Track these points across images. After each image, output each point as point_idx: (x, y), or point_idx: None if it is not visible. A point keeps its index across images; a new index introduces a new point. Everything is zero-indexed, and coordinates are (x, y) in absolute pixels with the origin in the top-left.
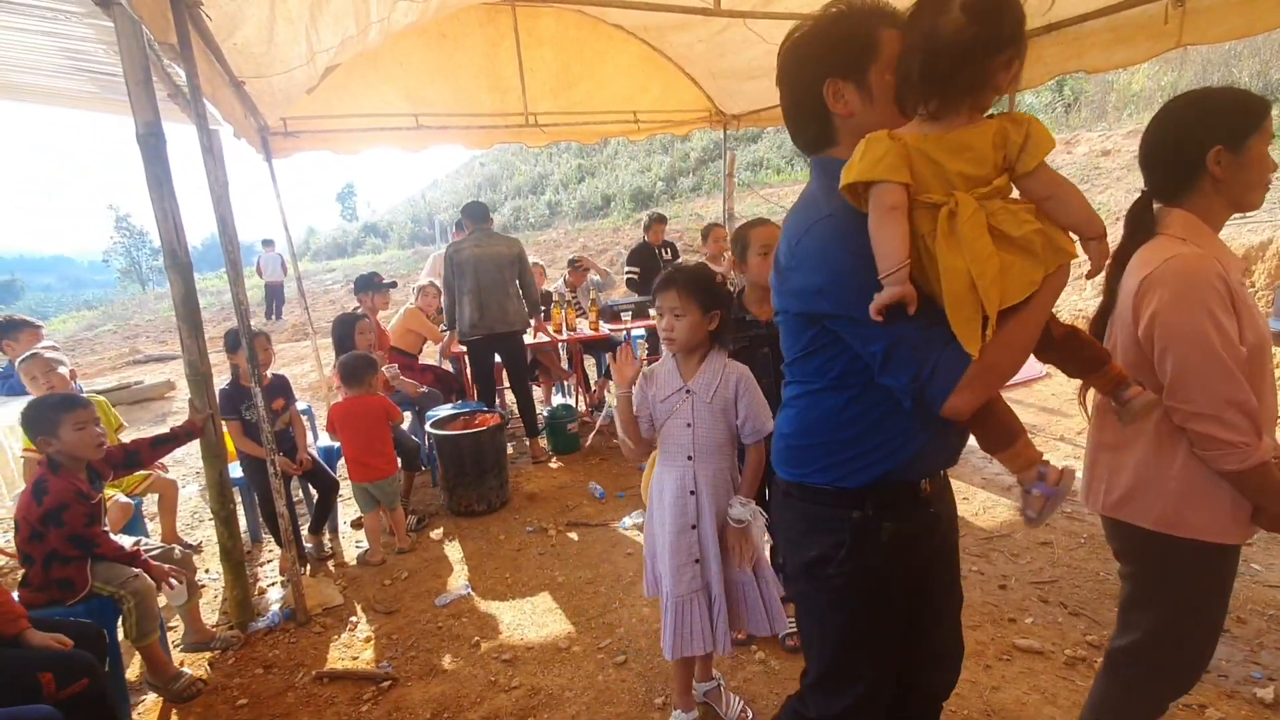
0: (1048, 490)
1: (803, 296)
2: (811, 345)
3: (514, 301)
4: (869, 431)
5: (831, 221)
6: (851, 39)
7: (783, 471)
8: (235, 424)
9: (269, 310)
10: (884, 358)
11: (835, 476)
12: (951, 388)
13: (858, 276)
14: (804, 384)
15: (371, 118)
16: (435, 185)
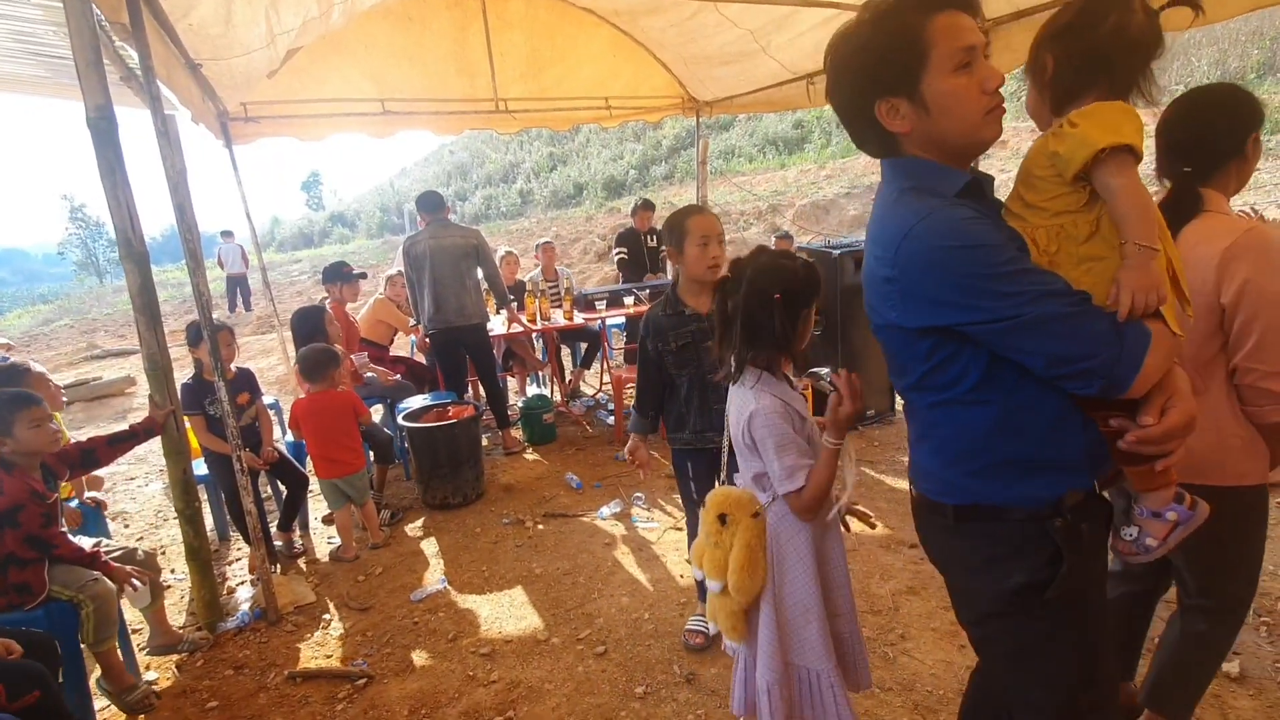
0: (1185, 514)
1: (921, 306)
2: (934, 357)
3: (471, 294)
4: (1040, 444)
5: (933, 220)
6: (896, 49)
7: (945, 496)
8: (199, 419)
9: (231, 303)
10: (1057, 343)
11: (1021, 494)
12: (1142, 360)
13: (988, 273)
14: (938, 397)
15: (336, 103)
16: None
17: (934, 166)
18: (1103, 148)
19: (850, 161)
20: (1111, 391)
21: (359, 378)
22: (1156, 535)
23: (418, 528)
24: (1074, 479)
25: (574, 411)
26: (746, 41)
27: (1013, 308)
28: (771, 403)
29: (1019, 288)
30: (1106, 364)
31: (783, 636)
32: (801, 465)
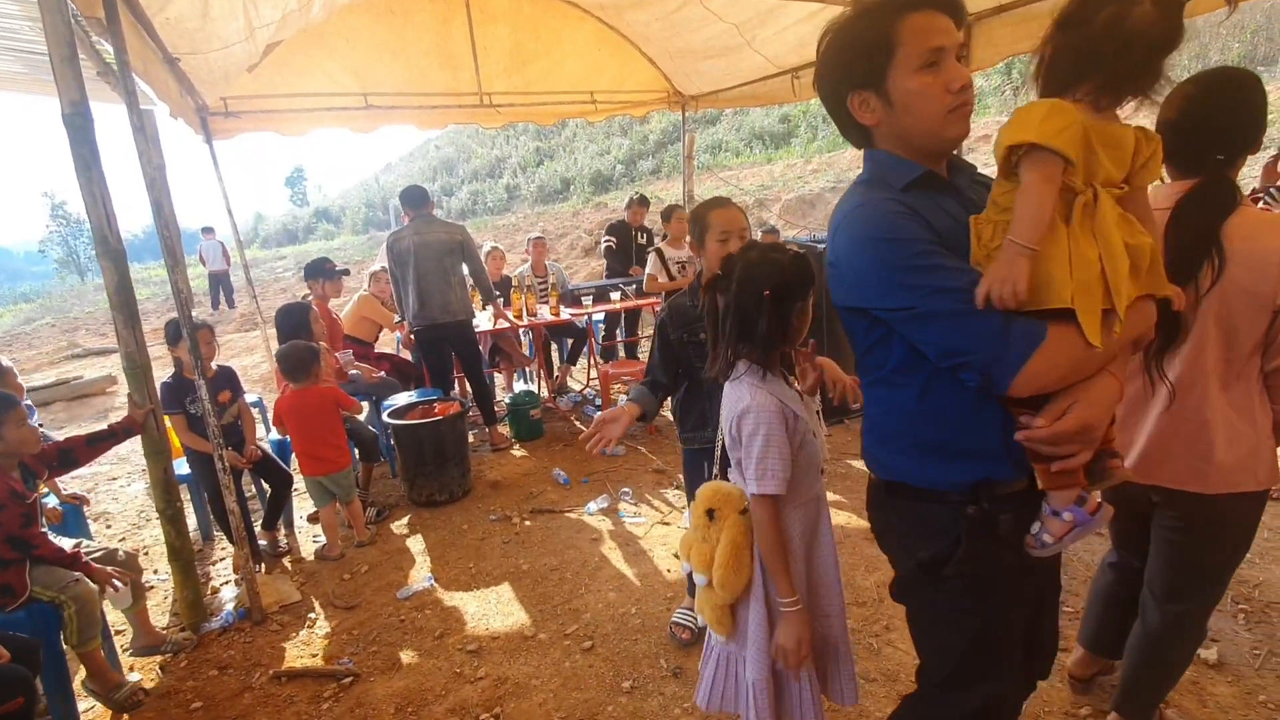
0: (1083, 518)
1: (849, 289)
2: (869, 338)
3: (456, 290)
4: (956, 430)
5: (862, 210)
6: (866, 45)
7: (880, 471)
8: (179, 418)
9: (214, 300)
10: (943, 336)
11: (937, 476)
12: (1023, 362)
13: (898, 265)
14: (872, 377)
15: (318, 97)
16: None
17: (893, 160)
18: (1006, 146)
19: (836, 156)
20: (991, 387)
21: (344, 375)
22: (1054, 533)
23: (404, 525)
24: (993, 467)
25: (561, 407)
26: (732, 35)
27: (913, 299)
28: (766, 401)
29: (920, 281)
30: (985, 361)
31: (770, 631)
32: (780, 471)
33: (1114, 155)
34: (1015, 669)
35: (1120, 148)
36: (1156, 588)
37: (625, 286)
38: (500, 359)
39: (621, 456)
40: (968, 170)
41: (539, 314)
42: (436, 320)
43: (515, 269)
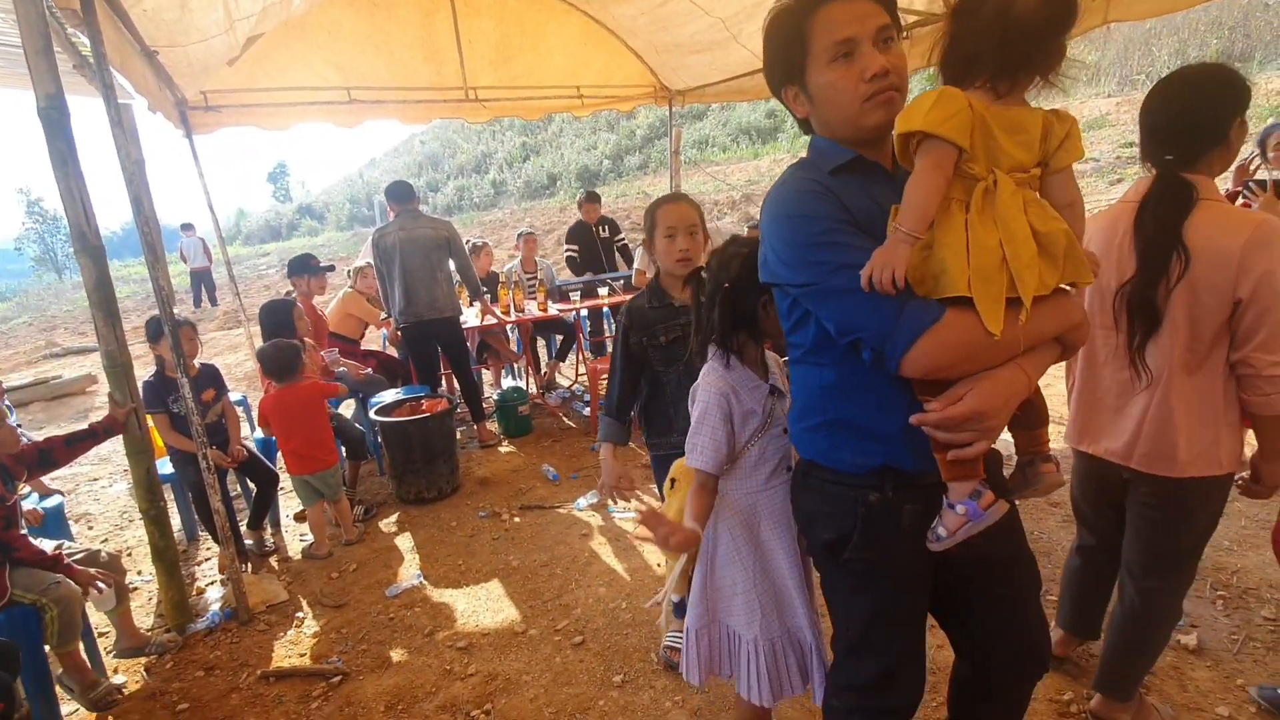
0: (975, 513)
1: (768, 266)
2: (790, 316)
3: (443, 287)
4: (861, 411)
5: (780, 189)
6: (785, 42)
7: (799, 449)
8: (162, 417)
9: (196, 298)
10: (841, 312)
11: (843, 458)
12: (912, 340)
13: (804, 241)
14: (795, 354)
15: (300, 91)
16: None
17: (827, 145)
18: (898, 134)
19: None
20: (885, 364)
21: (330, 373)
22: (948, 527)
23: (392, 523)
24: (894, 453)
25: (550, 403)
26: (718, 30)
27: (816, 275)
28: (714, 382)
29: (824, 258)
30: (877, 337)
31: (709, 592)
32: (708, 449)
33: (1018, 139)
34: (910, 648)
35: (1025, 131)
36: (1134, 566)
37: (613, 281)
38: (488, 355)
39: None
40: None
41: (527, 310)
42: (423, 317)
43: (503, 265)
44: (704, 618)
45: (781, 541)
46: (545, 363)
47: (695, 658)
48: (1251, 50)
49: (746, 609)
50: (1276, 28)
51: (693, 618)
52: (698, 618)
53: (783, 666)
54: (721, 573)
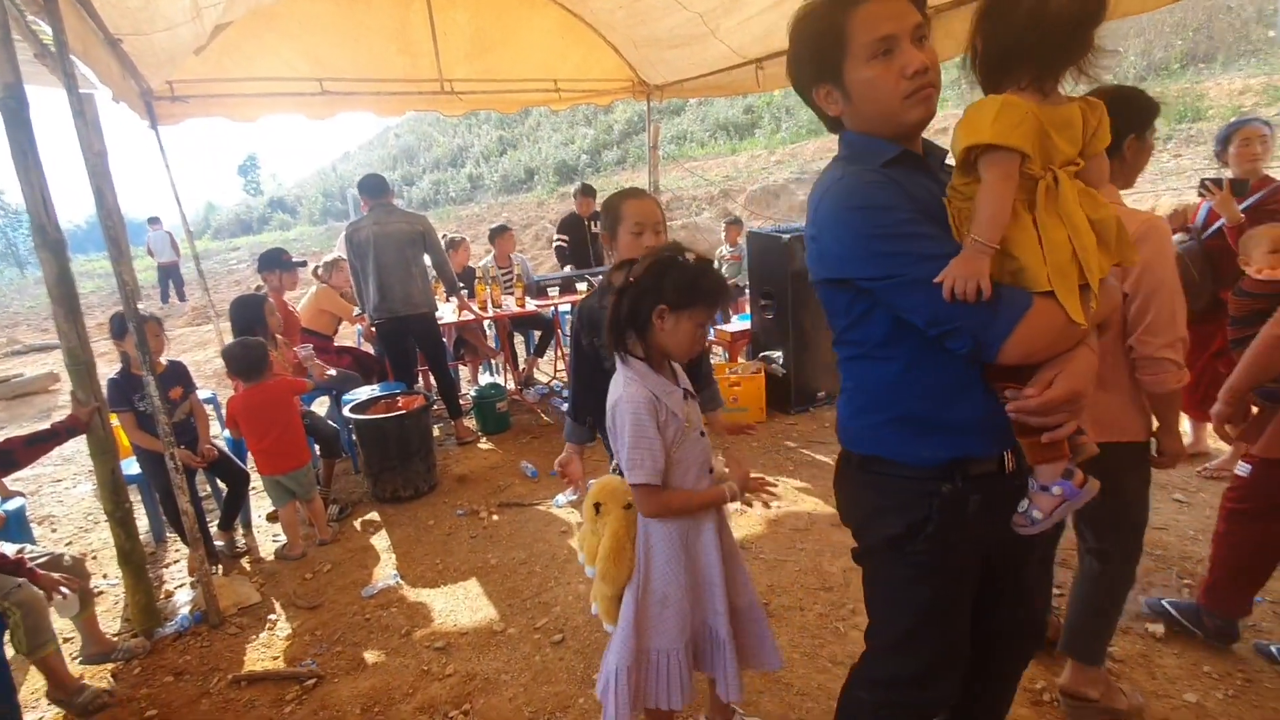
0: (1071, 491)
1: (832, 261)
2: (851, 312)
3: (418, 282)
4: (938, 405)
5: (843, 183)
6: (819, 39)
7: (855, 444)
8: (128, 416)
9: (164, 293)
10: (931, 303)
11: (914, 451)
12: (1011, 329)
13: (879, 233)
14: (854, 351)
15: (270, 82)
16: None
17: (867, 140)
18: (964, 147)
19: (800, 147)
20: (981, 354)
21: (302, 370)
22: (1043, 509)
23: (368, 522)
24: (969, 444)
25: (528, 400)
26: (696, 24)
27: (898, 266)
28: (636, 392)
29: (905, 249)
30: (974, 327)
31: (640, 623)
32: (649, 462)
33: (1067, 135)
34: (958, 641)
35: (1071, 126)
36: (1084, 533)
37: (592, 277)
38: (465, 351)
39: (590, 448)
40: (939, 154)
41: (504, 305)
42: (398, 312)
43: (480, 260)
44: (633, 653)
45: (711, 542)
46: (523, 359)
47: (620, 700)
48: (1215, 52)
49: (679, 617)
50: (1239, 29)
51: (621, 654)
52: (627, 654)
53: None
54: (654, 586)
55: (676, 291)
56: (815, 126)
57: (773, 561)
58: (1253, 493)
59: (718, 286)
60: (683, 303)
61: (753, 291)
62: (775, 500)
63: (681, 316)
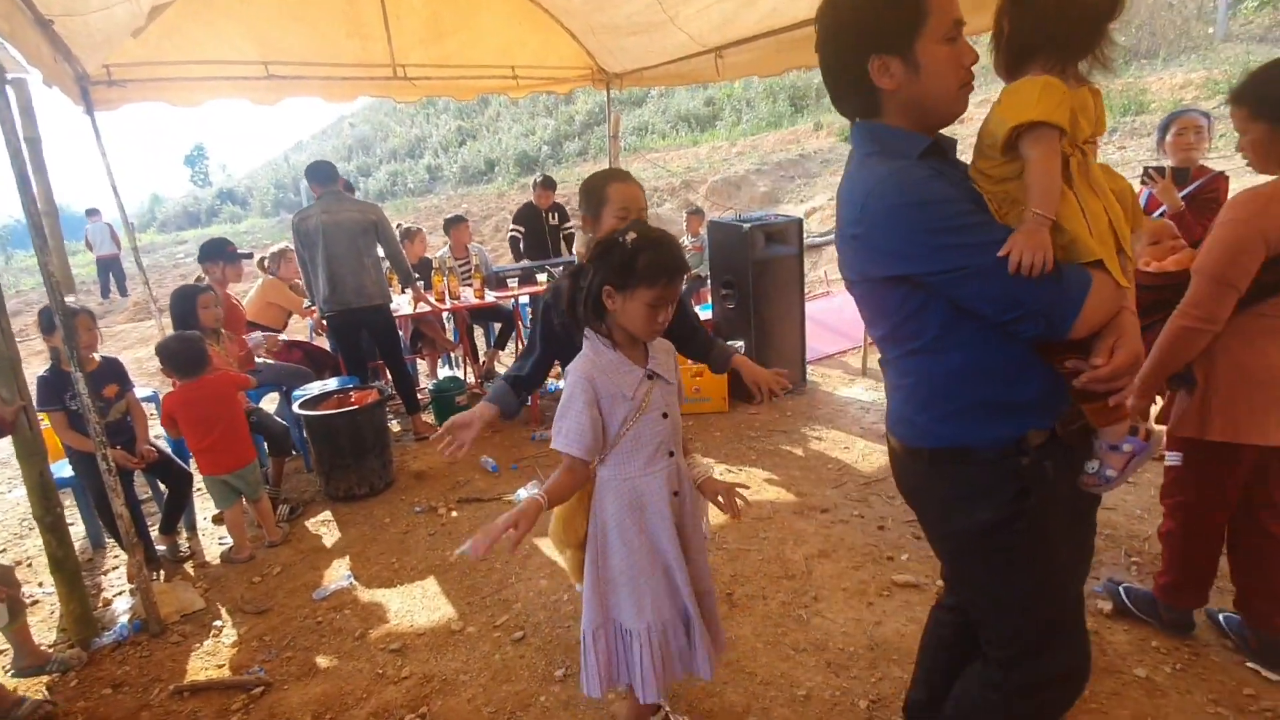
0: (1140, 445)
1: (885, 259)
2: (904, 308)
3: (370, 273)
4: (1004, 387)
5: (895, 178)
6: (898, 9)
7: (921, 440)
8: (58, 415)
9: (104, 287)
10: (1004, 290)
11: (987, 436)
12: (1081, 304)
13: (940, 226)
14: (910, 346)
15: (213, 65)
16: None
17: (900, 132)
18: (1013, 126)
19: (760, 139)
20: (1054, 332)
21: (251, 360)
22: (1116, 467)
23: (320, 522)
24: (1034, 419)
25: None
26: (654, 11)
27: (963, 258)
28: (579, 366)
29: (968, 239)
30: (1047, 307)
31: (601, 586)
32: (571, 431)
33: (1086, 116)
34: (1080, 610)
35: (1088, 108)
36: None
37: (552, 268)
38: (423, 345)
39: (508, 422)
40: (951, 143)
41: (463, 297)
42: (350, 305)
43: (437, 251)
44: (598, 616)
45: (664, 525)
46: (484, 352)
47: (595, 664)
48: (1157, 48)
49: (635, 598)
50: (1180, 26)
51: (587, 618)
52: (591, 617)
53: (672, 652)
54: (610, 563)
55: (616, 272)
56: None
57: (735, 551)
58: (1186, 480)
59: (655, 265)
60: (624, 283)
61: (714, 281)
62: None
63: (627, 296)
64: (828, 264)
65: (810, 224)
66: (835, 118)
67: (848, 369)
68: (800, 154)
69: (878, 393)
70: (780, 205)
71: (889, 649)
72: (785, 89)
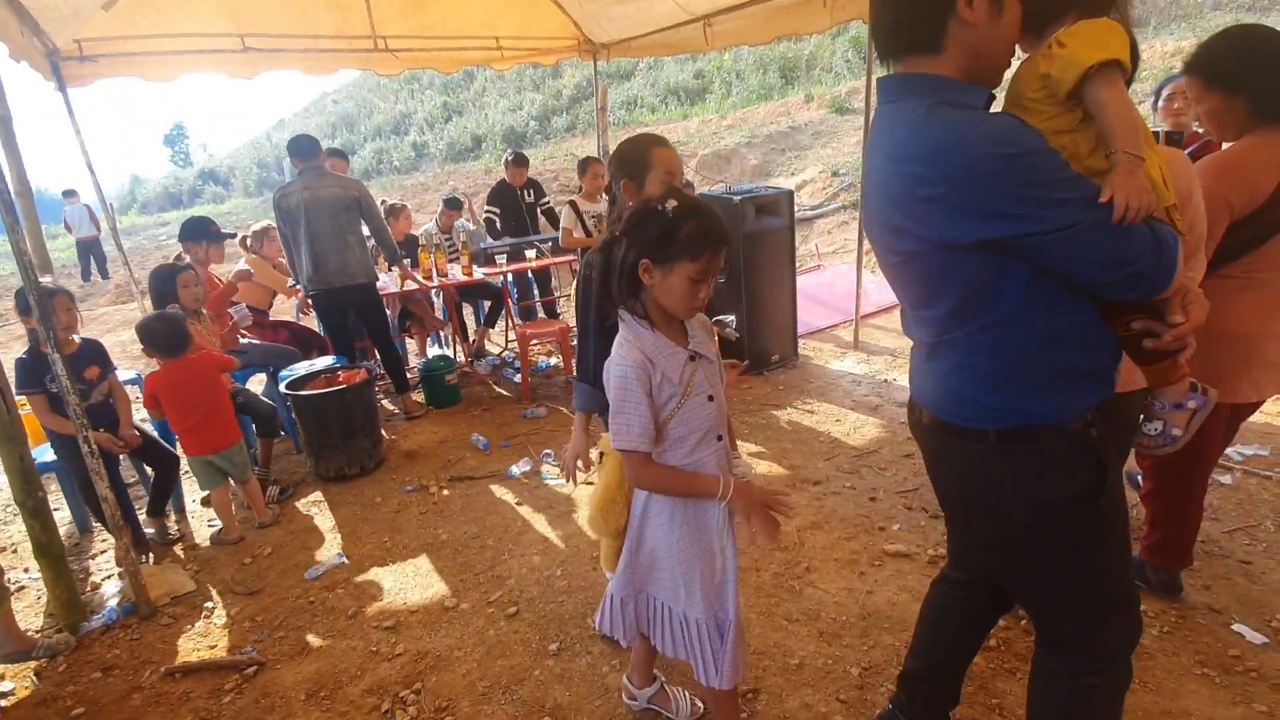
0: (1203, 400)
1: (980, 221)
2: (979, 278)
3: (355, 251)
4: (1086, 354)
5: (981, 128)
6: None
7: (994, 420)
8: (39, 398)
9: (85, 270)
10: (1111, 247)
11: (1067, 407)
12: (1178, 260)
13: (1046, 179)
14: (982, 321)
15: (188, 39)
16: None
17: (956, 83)
18: (1090, 65)
19: (750, 111)
20: (1154, 291)
21: (234, 340)
22: (1180, 424)
23: (311, 503)
24: (1107, 386)
25: (479, 371)
26: None
27: (1072, 214)
28: (628, 354)
29: (1073, 194)
30: (1153, 265)
31: (634, 568)
32: (633, 427)
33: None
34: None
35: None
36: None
37: (541, 244)
38: (411, 323)
39: (543, 418)
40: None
41: (450, 274)
42: (334, 284)
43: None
44: (628, 587)
45: (715, 515)
46: (473, 330)
47: (621, 620)
48: (1148, 17)
49: (671, 583)
50: None
51: (616, 585)
52: (622, 586)
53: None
54: (648, 549)
55: (654, 244)
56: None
57: None
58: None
59: (699, 236)
60: (663, 256)
61: None
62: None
63: (666, 271)
64: (819, 237)
65: (801, 196)
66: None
67: (839, 343)
68: (791, 126)
69: (868, 366)
70: (771, 178)
71: (880, 617)
72: (775, 60)
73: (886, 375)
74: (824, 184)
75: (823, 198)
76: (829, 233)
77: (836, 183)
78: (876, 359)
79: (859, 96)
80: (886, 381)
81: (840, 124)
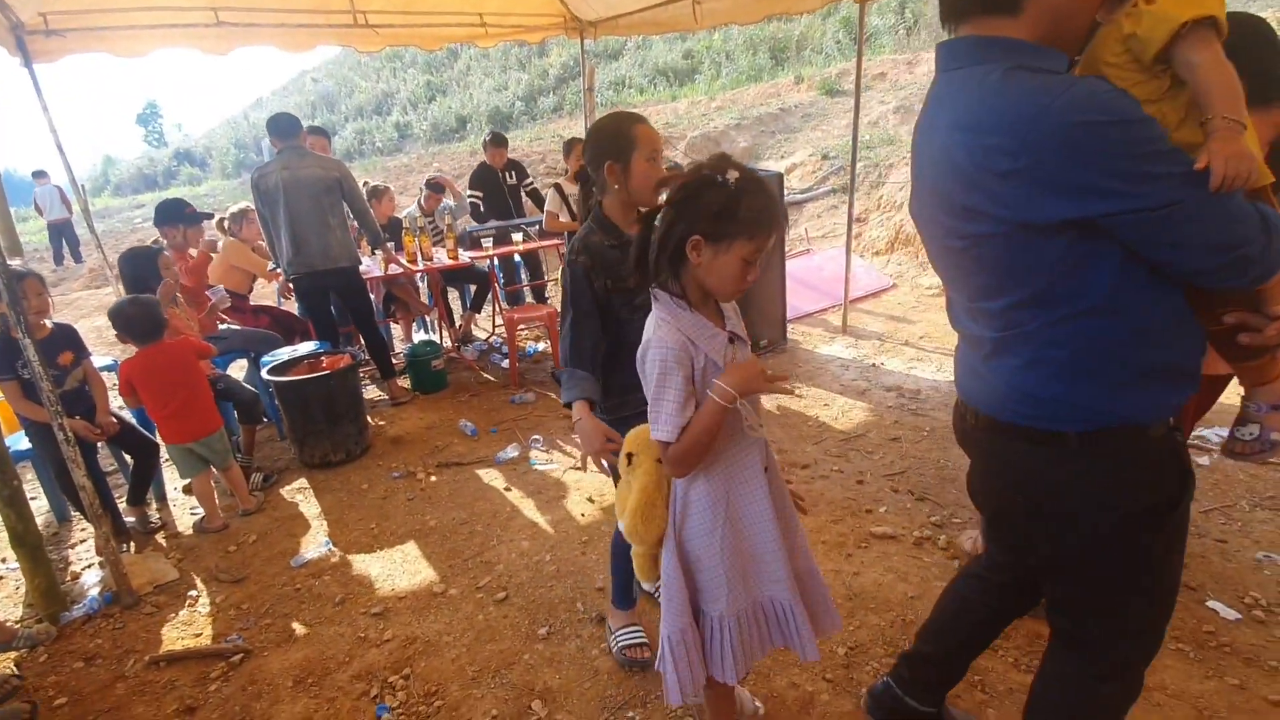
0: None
1: (1069, 196)
2: (1065, 261)
3: (337, 234)
4: (1179, 349)
5: (1071, 93)
6: None
7: (1068, 424)
8: (11, 384)
9: (57, 254)
10: (1220, 229)
11: (1158, 406)
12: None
13: (1148, 150)
14: (1065, 310)
15: (158, 12)
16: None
17: (1038, 47)
18: (1184, 22)
19: (740, 93)
20: (1263, 279)
21: (212, 325)
22: (1278, 428)
23: (296, 490)
24: (1194, 386)
25: (466, 357)
26: None
27: (1176, 190)
28: (668, 336)
29: (1174, 168)
30: (1263, 248)
31: (689, 583)
32: (675, 415)
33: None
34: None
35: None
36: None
37: (527, 227)
38: (396, 308)
39: (531, 404)
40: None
41: (435, 258)
42: (316, 267)
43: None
44: (683, 616)
45: (755, 499)
46: (459, 315)
47: (687, 663)
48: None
49: (713, 585)
50: None
51: (670, 618)
52: (676, 615)
53: (749, 639)
54: (689, 546)
55: (711, 220)
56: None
57: None
58: None
59: (761, 214)
60: (719, 233)
61: None
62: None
63: (719, 249)
64: (808, 221)
65: (791, 180)
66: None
67: (828, 327)
68: (781, 108)
69: (857, 350)
70: (761, 161)
71: (867, 598)
72: (765, 40)
73: (875, 360)
74: (814, 167)
75: (812, 181)
76: (818, 216)
77: (826, 166)
78: (865, 343)
79: (849, 78)
80: (874, 366)
81: (830, 106)
